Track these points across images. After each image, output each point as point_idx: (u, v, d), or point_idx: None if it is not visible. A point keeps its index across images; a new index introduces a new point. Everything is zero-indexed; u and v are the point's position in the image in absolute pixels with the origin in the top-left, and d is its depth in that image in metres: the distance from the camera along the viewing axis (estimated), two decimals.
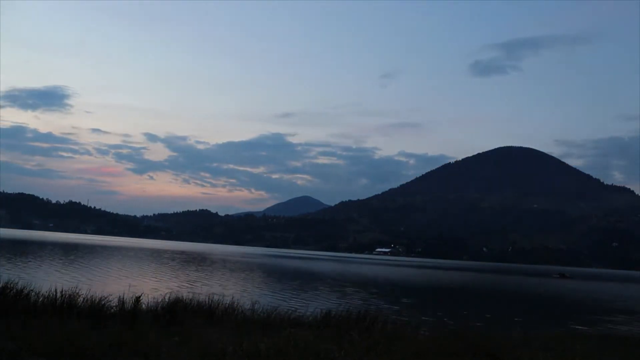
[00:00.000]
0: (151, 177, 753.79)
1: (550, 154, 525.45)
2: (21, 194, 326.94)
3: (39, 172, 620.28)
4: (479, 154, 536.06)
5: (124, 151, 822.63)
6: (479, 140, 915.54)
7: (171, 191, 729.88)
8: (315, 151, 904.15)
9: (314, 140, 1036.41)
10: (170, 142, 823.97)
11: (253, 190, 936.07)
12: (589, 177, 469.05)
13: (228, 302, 13.06)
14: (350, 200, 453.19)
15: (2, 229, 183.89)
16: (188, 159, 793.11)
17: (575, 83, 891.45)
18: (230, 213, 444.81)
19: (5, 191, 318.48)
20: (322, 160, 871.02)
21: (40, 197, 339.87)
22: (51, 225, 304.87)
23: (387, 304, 27.08)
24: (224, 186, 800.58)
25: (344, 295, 31.01)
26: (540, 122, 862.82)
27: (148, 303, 11.89)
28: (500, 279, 72.55)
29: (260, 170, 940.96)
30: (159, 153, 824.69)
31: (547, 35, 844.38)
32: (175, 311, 11.45)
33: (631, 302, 43.74)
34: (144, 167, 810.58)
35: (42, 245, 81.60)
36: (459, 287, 50.45)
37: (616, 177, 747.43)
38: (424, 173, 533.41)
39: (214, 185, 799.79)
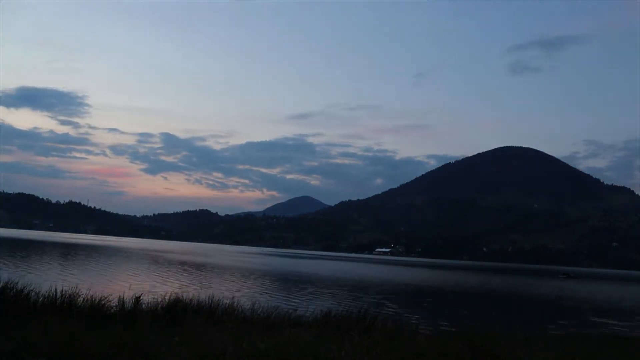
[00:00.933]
0: (165, 178, 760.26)
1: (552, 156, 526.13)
2: (21, 194, 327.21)
3: (50, 172, 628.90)
4: (479, 153, 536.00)
5: (139, 151, 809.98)
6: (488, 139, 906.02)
7: (180, 191, 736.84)
8: (334, 151, 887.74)
9: (334, 141, 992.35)
10: (187, 143, 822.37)
11: (265, 191, 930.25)
12: (589, 177, 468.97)
13: (228, 302, 13.06)
14: (350, 200, 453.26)
15: (2, 229, 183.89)
16: (203, 159, 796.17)
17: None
18: (230, 213, 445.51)
19: (5, 191, 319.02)
20: (341, 160, 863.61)
21: (41, 197, 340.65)
22: (51, 225, 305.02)
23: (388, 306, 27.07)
24: (235, 186, 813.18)
25: (341, 297, 31.00)
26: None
27: (148, 303, 11.89)
28: (513, 282, 70.40)
29: (276, 170, 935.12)
30: (175, 154, 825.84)
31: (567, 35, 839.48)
32: (175, 311, 11.45)
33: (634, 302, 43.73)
34: (157, 167, 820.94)
35: (42, 245, 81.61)
36: (477, 292, 47.85)
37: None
38: (423, 173, 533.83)
39: (225, 186, 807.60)
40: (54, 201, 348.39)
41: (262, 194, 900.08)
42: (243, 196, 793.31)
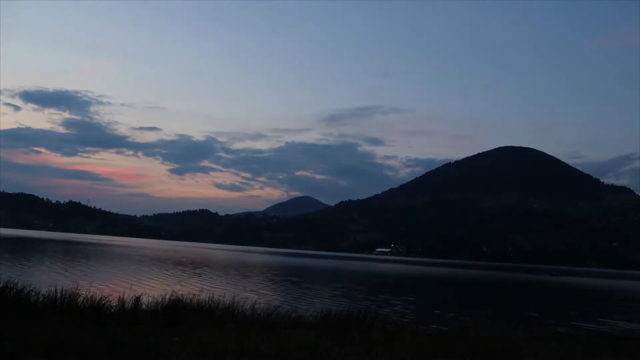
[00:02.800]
0: (195, 181, 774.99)
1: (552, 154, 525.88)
2: (21, 194, 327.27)
3: (76, 173, 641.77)
4: (479, 153, 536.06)
5: (173, 152, 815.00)
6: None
7: (200, 193, 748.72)
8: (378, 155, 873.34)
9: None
10: (222, 144, 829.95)
11: (290, 192, 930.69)
12: (589, 177, 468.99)
13: (228, 302, 13.06)
14: (350, 200, 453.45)
15: (2, 229, 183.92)
16: (239, 160, 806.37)
17: None
18: (230, 213, 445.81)
19: (5, 191, 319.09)
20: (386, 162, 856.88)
21: (41, 197, 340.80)
22: (51, 225, 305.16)
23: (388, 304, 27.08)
24: (261, 188, 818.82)
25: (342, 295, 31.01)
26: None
27: (148, 303, 11.89)
28: (495, 275, 72.16)
29: (307, 172, 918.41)
30: (210, 155, 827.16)
31: None
32: (175, 311, 11.44)
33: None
34: (185, 168, 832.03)
35: (42, 244, 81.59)
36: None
37: None
38: (423, 173, 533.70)
39: (250, 186, 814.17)
40: (54, 201, 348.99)
41: (284, 193, 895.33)
42: (243, 196, 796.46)
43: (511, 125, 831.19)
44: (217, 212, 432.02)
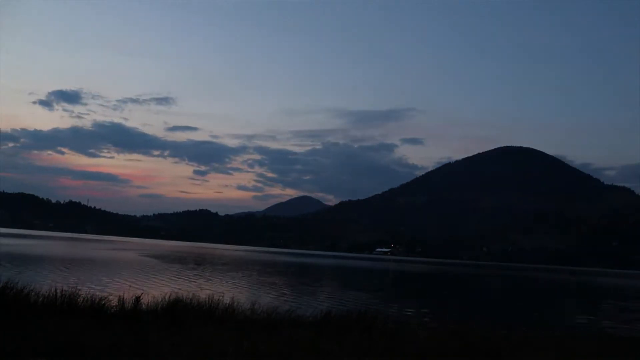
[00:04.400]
0: (227, 185, 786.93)
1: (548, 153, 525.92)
2: (21, 194, 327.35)
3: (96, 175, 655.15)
4: (479, 153, 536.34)
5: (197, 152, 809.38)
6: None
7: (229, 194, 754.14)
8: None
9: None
10: (257, 146, 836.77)
11: (316, 193, 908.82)
12: (589, 177, 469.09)
13: (228, 302, 13.06)
14: (350, 200, 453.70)
15: (2, 229, 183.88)
16: (271, 161, 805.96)
17: None
18: (230, 213, 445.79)
19: (5, 191, 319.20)
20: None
21: (41, 197, 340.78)
22: (51, 225, 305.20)
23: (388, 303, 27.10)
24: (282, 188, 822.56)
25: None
26: None
27: (148, 303, 11.90)
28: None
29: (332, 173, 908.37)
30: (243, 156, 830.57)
31: None
32: (175, 311, 11.45)
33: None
34: (211, 168, 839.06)
35: (42, 244, 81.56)
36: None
37: None
38: (423, 173, 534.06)
39: (270, 185, 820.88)
40: (54, 201, 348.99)
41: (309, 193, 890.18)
42: (244, 196, 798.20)
43: (511, 125, 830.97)
44: (217, 212, 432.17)
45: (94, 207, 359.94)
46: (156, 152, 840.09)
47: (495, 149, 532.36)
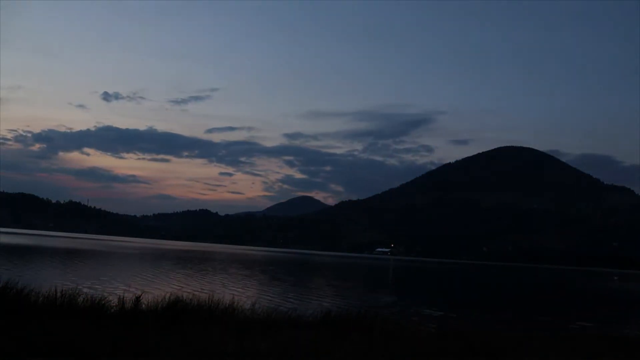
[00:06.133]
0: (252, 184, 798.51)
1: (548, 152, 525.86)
2: (21, 194, 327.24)
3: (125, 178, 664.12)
4: (479, 153, 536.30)
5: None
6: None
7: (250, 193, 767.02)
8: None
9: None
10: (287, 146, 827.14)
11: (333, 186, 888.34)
12: (589, 177, 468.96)
13: (228, 302, 13.06)
14: (350, 200, 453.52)
15: (2, 229, 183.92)
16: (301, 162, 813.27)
17: None
18: (230, 213, 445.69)
19: (5, 191, 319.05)
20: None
21: (41, 197, 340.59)
22: (51, 225, 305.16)
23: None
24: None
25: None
26: None
27: (148, 303, 11.89)
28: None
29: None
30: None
31: None
32: (175, 311, 11.44)
33: None
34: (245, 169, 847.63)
35: (42, 244, 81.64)
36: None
37: None
38: (423, 173, 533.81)
39: (297, 186, 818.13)
40: (54, 201, 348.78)
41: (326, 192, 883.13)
42: (243, 196, 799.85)
43: (511, 125, 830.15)
44: (217, 212, 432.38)
45: (94, 207, 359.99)
46: (185, 153, 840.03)
47: (495, 149, 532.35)
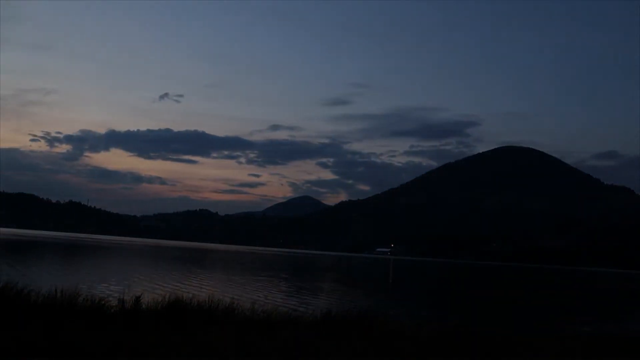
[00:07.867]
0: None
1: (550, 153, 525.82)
2: (21, 194, 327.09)
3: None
4: (479, 153, 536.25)
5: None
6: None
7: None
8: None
9: None
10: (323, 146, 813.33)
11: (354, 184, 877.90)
12: (589, 177, 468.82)
13: (228, 302, 13.06)
14: (350, 200, 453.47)
15: (1, 229, 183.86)
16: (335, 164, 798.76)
17: None
18: (230, 213, 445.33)
19: (5, 191, 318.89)
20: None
21: (40, 197, 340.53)
22: (51, 225, 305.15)
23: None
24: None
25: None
26: None
27: (148, 303, 11.89)
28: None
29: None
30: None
31: None
32: (175, 311, 11.44)
33: None
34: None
35: (42, 243, 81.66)
36: None
37: None
38: (423, 173, 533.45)
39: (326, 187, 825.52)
40: (54, 201, 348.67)
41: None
42: (244, 196, 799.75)
43: (511, 125, 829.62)
44: (217, 212, 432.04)
45: (94, 206, 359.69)
46: (214, 154, 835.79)
47: (495, 149, 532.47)
